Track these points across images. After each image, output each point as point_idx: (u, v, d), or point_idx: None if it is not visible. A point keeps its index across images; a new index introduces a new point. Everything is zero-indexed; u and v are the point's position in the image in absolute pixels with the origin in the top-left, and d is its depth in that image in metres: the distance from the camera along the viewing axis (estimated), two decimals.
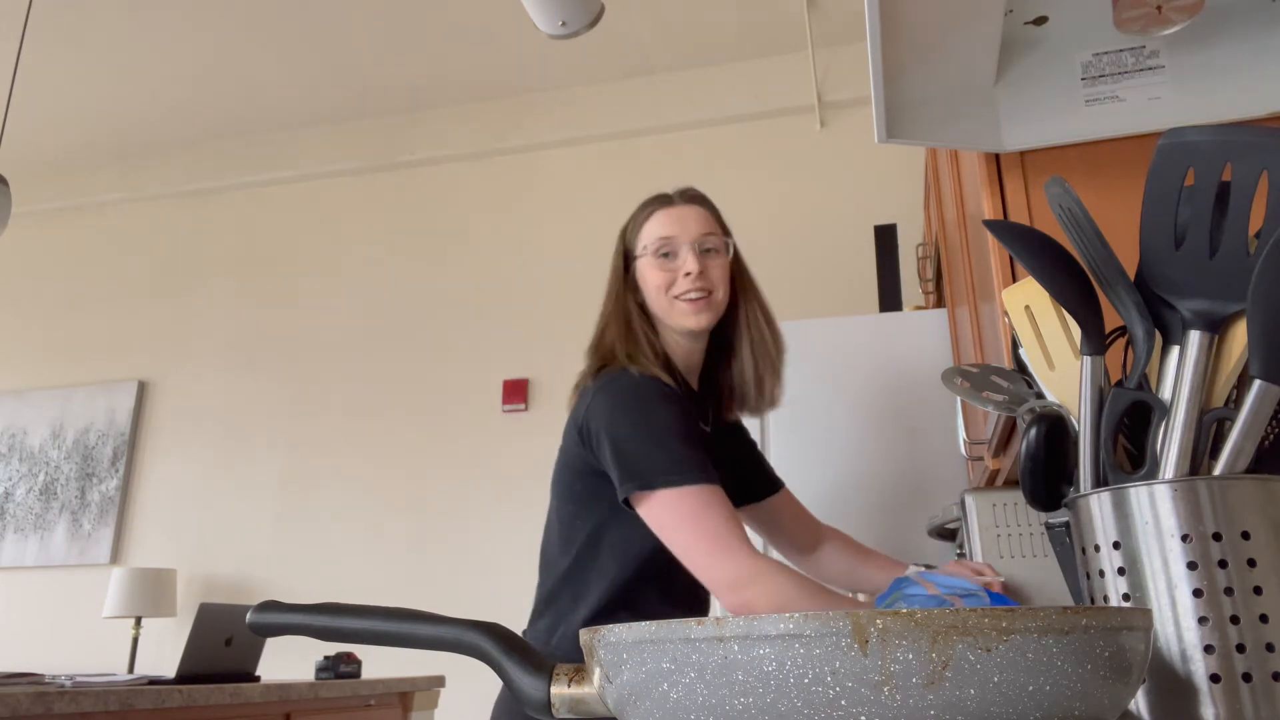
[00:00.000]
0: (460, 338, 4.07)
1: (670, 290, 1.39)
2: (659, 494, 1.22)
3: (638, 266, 1.44)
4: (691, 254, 1.39)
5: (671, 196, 1.48)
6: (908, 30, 1.00)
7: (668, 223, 1.43)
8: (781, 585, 1.16)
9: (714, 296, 1.41)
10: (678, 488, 1.22)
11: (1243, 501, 0.59)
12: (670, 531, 1.22)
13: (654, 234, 1.42)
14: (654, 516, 1.23)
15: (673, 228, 1.42)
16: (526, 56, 3.99)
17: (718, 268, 1.43)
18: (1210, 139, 0.64)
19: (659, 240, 1.41)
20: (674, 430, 1.26)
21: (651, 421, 1.28)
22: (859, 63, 3.77)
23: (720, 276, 1.43)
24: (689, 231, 1.42)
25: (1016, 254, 0.69)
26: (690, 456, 1.24)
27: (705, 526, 1.20)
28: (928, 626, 0.39)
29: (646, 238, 1.43)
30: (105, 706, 1.86)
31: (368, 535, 3.89)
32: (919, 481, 2.10)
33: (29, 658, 4.01)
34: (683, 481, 1.22)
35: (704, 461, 1.24)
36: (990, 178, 1.19)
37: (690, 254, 1.39)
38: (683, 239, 1.41)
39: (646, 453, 1.25)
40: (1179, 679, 0.58)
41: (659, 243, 1.41)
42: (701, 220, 1.44)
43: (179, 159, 4.72)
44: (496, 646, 0.55)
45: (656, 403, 1.30)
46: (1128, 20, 0.98)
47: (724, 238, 1.46)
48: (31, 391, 4.59)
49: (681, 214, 1.44)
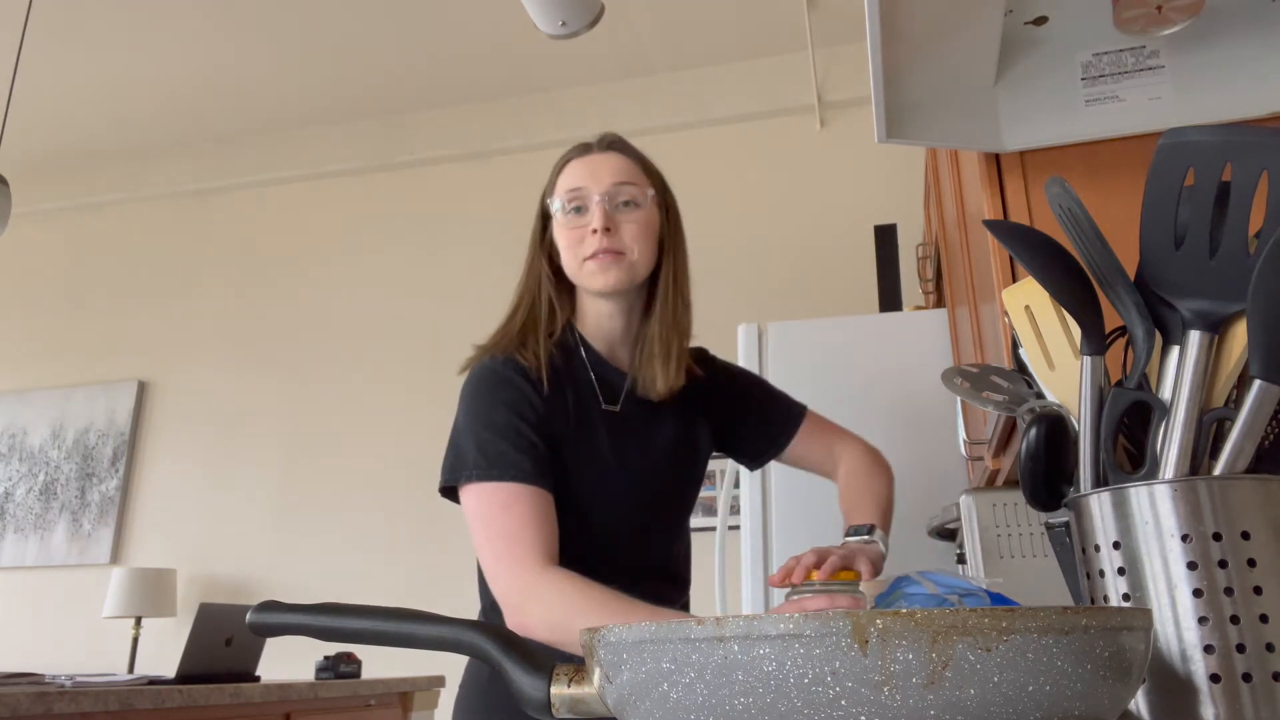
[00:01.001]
0: (460, 337, 4.06)
1: (579, 249, 1.24)
2: (463, 490, 1.17)
3: (553, 225, 1.29)
4: (600, 208, 1.23)
5: (590, 144, 1.32)
6: (908, 30, 1.00)
7: (581, 173, 1.27)
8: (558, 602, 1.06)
9: (627, 257, 1.24)
10: (477, 483, 1.15)
11: (1243, 501, 0.59)
12: (471, 530, 1.15)
13: (565, 185, 1.27)
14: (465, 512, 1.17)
15: (584, 178, 1.26)
16: (526, 56, 3.99)
17: (634, 223, 1.25)
18: (1210, 139, 0.64)
19: (569, 193, 1.26)
20: (493, 423, 1.18)
21: (473, 414, 1.21)
22: (859, 63, 3.77)
23: (637, 233, 1.25)
24: (600, 182, 1.25)
25: (1016, 254, 0.69)
26: (499, 452, 1.15)
27: (493, 530, 1.12)
28: (928, 626, 0.39)
29: (559, 191, 1.28)
30: (105, 706, 1.86)
31: (368, 535, 3.89)
32: (919, 481, 2.10)
33: (29, 658, 4.01)
34: (482, 478, 1.14)
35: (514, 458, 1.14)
36: (990, 178, 1.19)
37: (599, 208, 1.23)
38: (593, 190, 1.25)
39: (459, 446, 1.20)
40: (1179, 679, 0.58)
41: (569, 195, 1.25)
42: (617, 169, 1.28)
43: (179, 159, 4.72)
44: (496, 646, 0.55)
45: (485, 395, 1.22)
46: (1128, 20, 0.98)
47: (644, 189, 1.28)
48: (31, 391, 4.59)
49: (595, 162, 1.28)
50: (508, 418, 1.18)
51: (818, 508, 2.14)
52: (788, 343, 2.30)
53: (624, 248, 1.25)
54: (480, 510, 1.15)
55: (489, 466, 1.15)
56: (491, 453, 1.16)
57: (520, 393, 1.21)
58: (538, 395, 1.22)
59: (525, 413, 1.19)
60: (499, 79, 4.17)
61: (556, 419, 1.22)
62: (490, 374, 1.24)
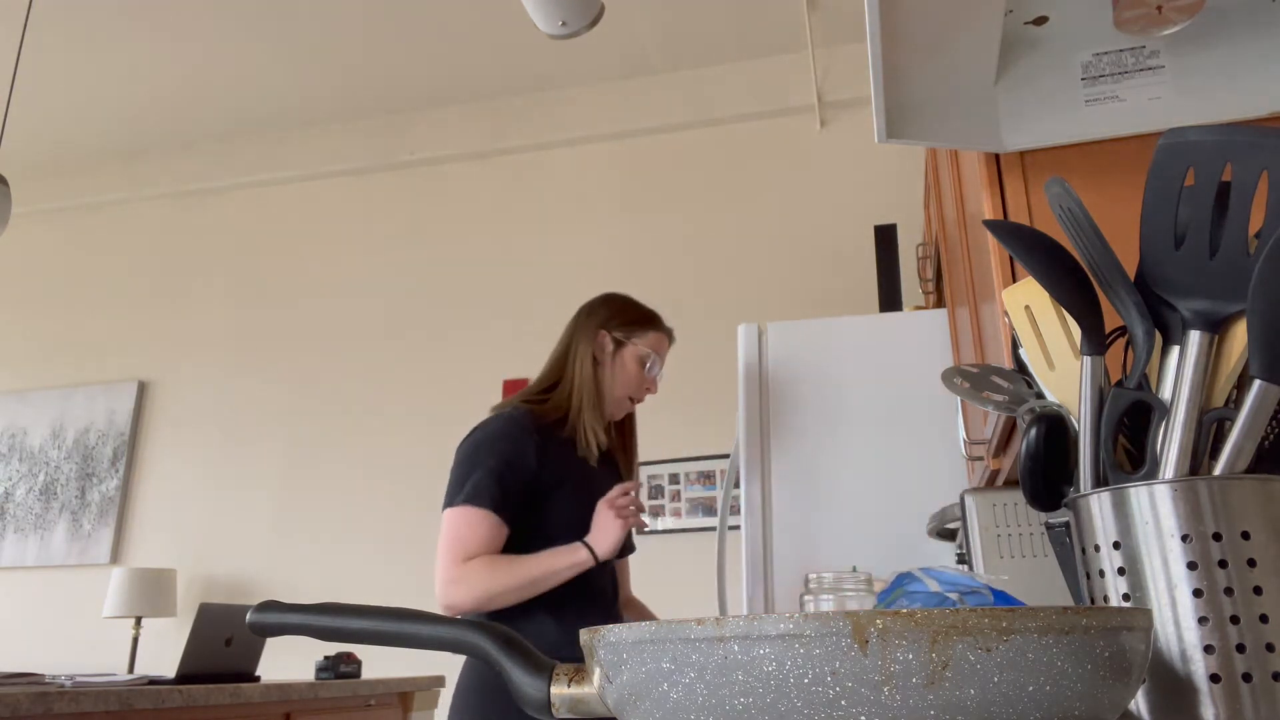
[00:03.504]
0: (460, 337, 4.07)
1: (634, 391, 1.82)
2: (447, 511, 1.62)
3: (623, 354, 1.81)
4: (656, 379, 1.85)
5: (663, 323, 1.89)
6: (908, 30, 1.00)
7: (661, 348, 1.87)
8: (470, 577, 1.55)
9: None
10: (459, 507, 1.60)
11: (1243, 501, 0.59)
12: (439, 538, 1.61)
13: (653, 347, 1.84)
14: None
15: (662, 350, 1.87)
16: (526, 56, 3.99)
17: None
18: (1210, 139, 0.64)
19: (653, 357, 1.83)
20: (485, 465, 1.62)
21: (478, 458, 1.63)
22: (859, 63, 3.77)
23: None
24: (663, 359, 1.88)
25: (1016, 254, 0.69)
26: (485, 486, 1.59)
27: (450, 536, 1.58)
28: (928, 626, 0.39)
29: (645, 346, 1.83)
30: (105, 706, 1.86)
31: (367, 535, 3.89)
32: (919, 481, 2.10)
33: (29, 658, 4.01)
34: (465, 503, 1.59)
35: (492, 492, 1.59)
36: (990, 178, 1.19)
37: (657, 380, 1.86)
38: (661, 363, 1.86)
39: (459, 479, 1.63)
40: (1179, 679, 0.58)
41: (652, 359, 1.83)
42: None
43: (179, 159, 4.72)
44: (496, 646, 0.55)
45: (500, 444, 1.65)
46: (1128, 20, 0.98)
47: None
48: (31, 391, 4.59)
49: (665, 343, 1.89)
50: (496, 463, 1.62)
51: (818, 508, 2.14)
52: (788, 343, 2.30)
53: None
54: (450, 525, 1.60)
55: (474, 496, 1.60)
56: (477, 488, 1.60)
57: (515, 444, 1.65)
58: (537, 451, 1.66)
59: (514, 460, 1.63)
60: (499, 79, 4.17)
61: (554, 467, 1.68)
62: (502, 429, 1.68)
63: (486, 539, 1.58)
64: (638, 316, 1.86)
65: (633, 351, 1.81)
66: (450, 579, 1.56)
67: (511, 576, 1.56)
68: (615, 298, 1.91)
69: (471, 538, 1.57)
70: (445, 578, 1.56)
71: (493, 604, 1.56)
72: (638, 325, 1.85)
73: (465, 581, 1.55)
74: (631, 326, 1.84)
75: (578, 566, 1.59)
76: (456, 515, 1.60)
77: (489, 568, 1.56)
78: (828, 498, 2.14)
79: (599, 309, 1.86)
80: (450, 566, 1.56)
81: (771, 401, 2.23)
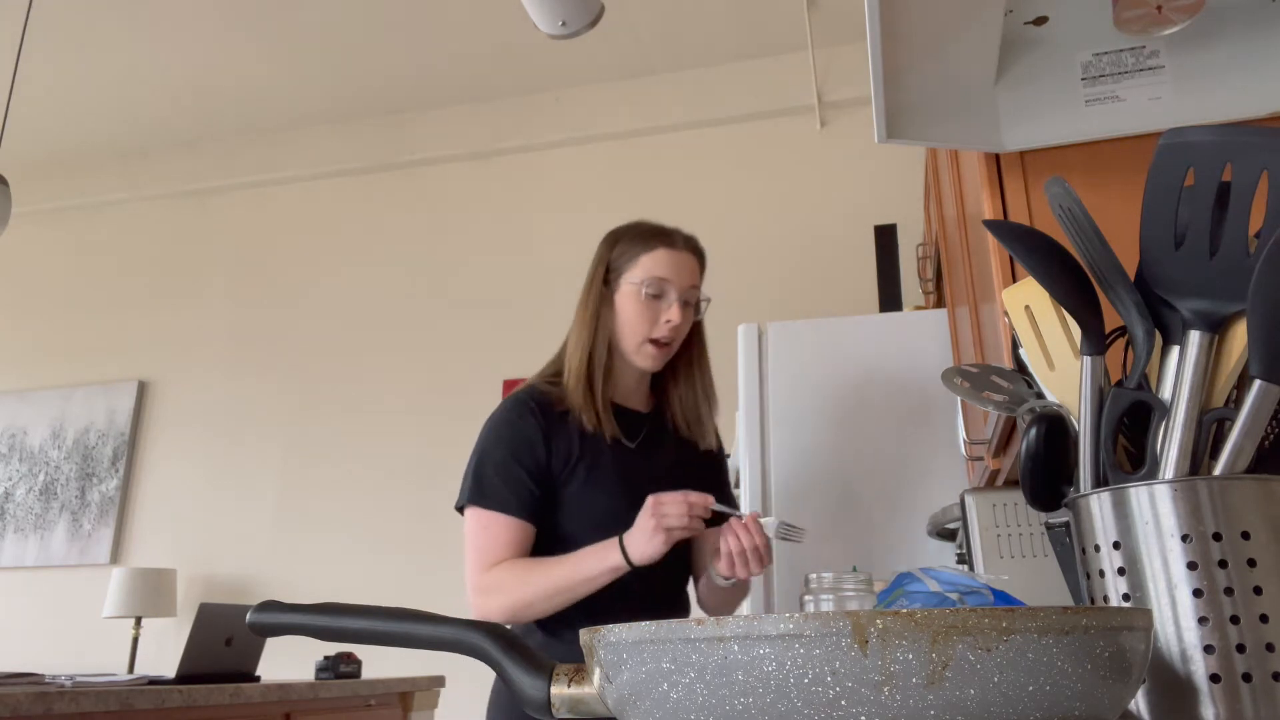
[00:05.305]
0: (460, 338, 4.07)
1: (646, 331, 1.45)
2: (466, 511, 1.45)
3: (620, 291, 1.47)
4: (677, 306, 1.45)
5: (673, 237, 1.49)
6: (908, 30, 1.00)
7: (667, 264, 1.46)
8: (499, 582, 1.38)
9: (673, 347, 1.48)
10: (470, 508, 1.44)
11: (1243, 501, 0.59)
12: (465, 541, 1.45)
13: (650, 271, 1.45)
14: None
15: (669, 271, 1.46)
16: (526, 56, 3.99)
17: (688, 320, 1.48)
18: (1210, 139, 0.64)
19: (654, 280, 1.45)
20: (493, 460, 1.44)
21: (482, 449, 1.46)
22: (859, 63, 3.77)
23: (684, 330, 1.49)
24: (682, 280, 1.46)
25: (1016, 254, 0.69)
26: (492, 487, 1.42)
27: (472, 544, 1.42)
28: (928, 626, 0.39)
29: (642, 271, 1.46)
30: (105, 706, 1.86)
31: (367, 535, 3.89)
32: (919, 481, 2.10)
33: (29, 658, 4.01)
34: (475, 504, 1.43)
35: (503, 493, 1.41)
36: (990, 178, 1.19)
37: (677, 306, 1.45)
38: (675, 285, 1.46)
39: (468, 475, 1.46)
40: (1179, 679, 0.58)
41: (654, 282, 1.45)
42: (694, 272, 1.49)
43: (179, 159, 4.71)
44: (496, 646, 0.55)
45: (493, 433, 1.46)
46: (1128, 20, 0.98)
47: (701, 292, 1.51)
48: (31, 391, 4.59)
49: (680, 260, 1.47)
50: (504, 456, 1.43)
51: (818, 508, 2.14)
52: (788, 343, 2.30)
53: (679, 337, 1.48)
54: (469, 529, 1.44)
55: (482, 497, 1.43)
56: (486, 486, 1.43)
57: (521, 435, 1.44)
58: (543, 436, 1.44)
59: (521, 453, 1.43)
60: (499, 79, 4.17)
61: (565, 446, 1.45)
62: (504, 414, 1.47)
63: (507, 542, 1.40)
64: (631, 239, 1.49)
65: (627, 284, 1.46)
66: (477, 588, 1.41)
67: (540, 584, 1.36)
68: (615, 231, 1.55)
69: (490, 543, 1.41)
70: (472, 586, 1.41)
71: (528, 613, 1.38)
72: (629, 250, 1.48)
73: (491, 591, 1.39)
74: (624, 255, 1.49)
75: (612, 571, 1.32)
76: (471, 518, 1.44)
77: (515, 575, 1.38)
78: (828, 497, 2.14)
79: (597, 251, 1.54)
80: (475, 574, 1.41)
81: (771, 401, 2.23)
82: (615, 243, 1.51)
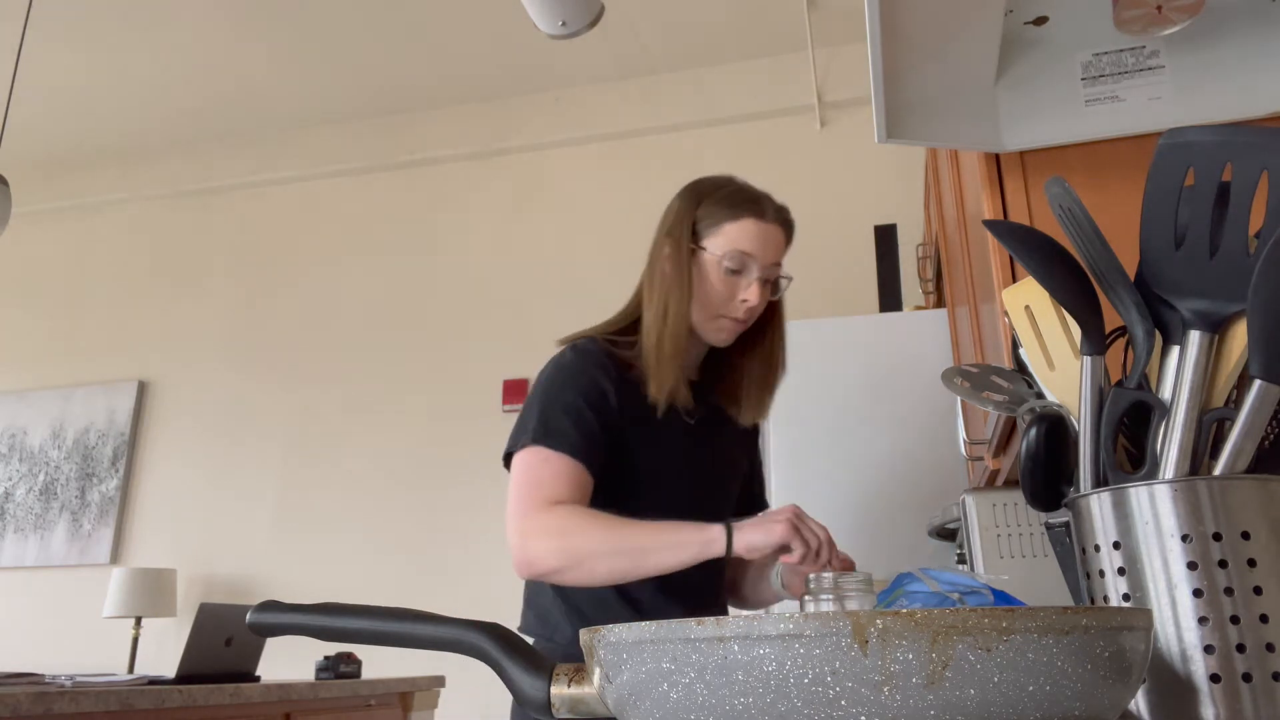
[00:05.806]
0: (461, 338, 4.07)
1: (722, 306, 1.32)
2: (517, 454, 1.27)
3: (701, 260, 1.33)
4: (758, 282, 1.32)
5: (764, 205, 1.34)
6: (908, 30, 1.00)
7: (753, 238, 1.32)
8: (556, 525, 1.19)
9: (748, 324, 1.36)
10: (530, 447, 1.25)
11: (1243, 501, 0.59)
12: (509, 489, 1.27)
13: (735, 243, 1.31)
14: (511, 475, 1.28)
15: (755, 245, 1.31)
16: (526, 56, 3.99)
17: (764, 301, 1.35)
18: (1210, 139, 0.64)
19: (737, 254, 1.31)
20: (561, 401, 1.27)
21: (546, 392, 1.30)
22: (859, 63, 3.77)
23: (761, 310, 1.37)
24: (766, 256, 1.32)
25: (1016, 254, 0.69)
26: (558, 426, 1.25)
27: (526, 479, 1.24)
28: (928, 626, 0.39)
29: (725, 241, 1.31)
30: (105, 706, 1.86)
31: (368, 535, 3.89)
32: (919, 481, 2.10)
33: (29, 658, 4.01)
34: (536, 443, 1.25)
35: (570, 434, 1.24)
36: (990, 178, 1.19)
37: (758, 284, 1.31)
38: (757, 262, 1.31)
39: (525, 418, 1.30)
40: (1179, 679, 0.58)
41: (736, 256, 1.31)
42: (780, 248, 1.36)
43: (179, 159, 4.71)
44: (496, 646, 0.55)
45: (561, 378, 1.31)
46: (1128, 20, 0.98)
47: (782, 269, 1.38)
48: (31, 391, 4.59)
49: (768, 233, 1.33)
50: (574, 399, 1.27)
51: (818, 508, 2.14)
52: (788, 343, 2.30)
53: (755, 316, 1.35)
54: (521, 466, 1.25)
55: (545, 435, 1.24)
56: (551, 425, 1.25)
57: (594, 382, 1.29)
58: (613, 387, 1.30)
59: (593, 399, 1.28)
60: (499, 79, 4.17)
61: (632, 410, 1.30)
62: (573, 359, 1.33)
63: (571, 484, 1.22)
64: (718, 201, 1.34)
65: (707, 253, 1.32)
66: (528, 531, 1.20)
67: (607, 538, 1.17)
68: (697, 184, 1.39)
69: (551, 478, 1.22)
70: (522, 529, 1.21)
71: (582, 569, 1.18)
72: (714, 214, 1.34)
73: (545, 535, 1.19)
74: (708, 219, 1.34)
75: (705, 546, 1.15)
76: (530, 456, 1.25)
77: (578, 521, 1.18)
78: (828, 497, 2.14)
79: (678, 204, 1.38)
80: (528, 515, 1.21)
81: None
82: (700, 201, 1.36)
